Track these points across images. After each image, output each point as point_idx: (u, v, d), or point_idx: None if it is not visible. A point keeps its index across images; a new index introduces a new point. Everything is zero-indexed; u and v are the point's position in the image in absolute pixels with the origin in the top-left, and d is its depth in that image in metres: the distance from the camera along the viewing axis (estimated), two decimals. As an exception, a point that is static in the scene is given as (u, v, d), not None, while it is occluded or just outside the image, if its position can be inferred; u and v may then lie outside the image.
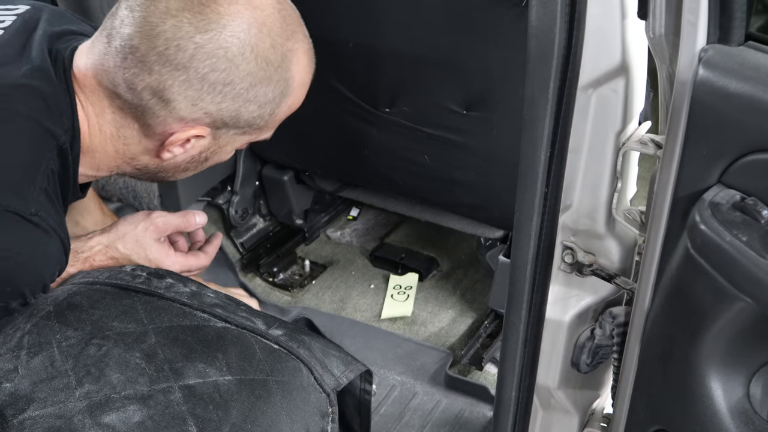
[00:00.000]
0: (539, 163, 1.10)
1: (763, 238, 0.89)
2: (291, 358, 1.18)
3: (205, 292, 1.27)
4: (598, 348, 1.29)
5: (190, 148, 1.21)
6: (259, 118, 1.19)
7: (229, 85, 1.13)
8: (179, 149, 1.20)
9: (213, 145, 1.22)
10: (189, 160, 1.24)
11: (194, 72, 1.11)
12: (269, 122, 1.22)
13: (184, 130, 1.16)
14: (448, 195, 1.95)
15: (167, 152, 1.20)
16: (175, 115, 1.15)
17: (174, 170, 1.27)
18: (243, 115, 1.17)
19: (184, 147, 1.20)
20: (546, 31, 1.01)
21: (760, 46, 0.93)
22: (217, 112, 1.15)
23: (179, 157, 1.22)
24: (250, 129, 1.21)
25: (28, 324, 1.16)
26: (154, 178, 1.30)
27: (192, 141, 1.19)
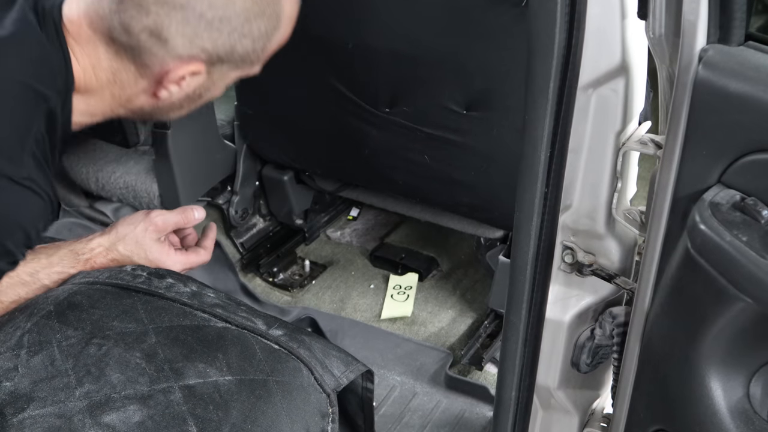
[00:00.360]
0: (539, 163, 1.10)
1: (763, 238, 0.89)
2: (291, 358, 1.18)
3: (206, 292, 1.27)
4: (598, 348, 1.29)
5: (185, 86, 1.22)
6: (253, 53, 1.22)
7: (226, 21, 1.15)
8: (175, 87, 1.21)
9: (207, 81, 1.24)
10: (184, 98, 1.26)
11: (191, 10, 1.13)
12: (261, 56, 1.25)
13: (181, 67, 1.18)
14: (448, 195, 1.95)
15: (164, 90, 1.21)
16: (173, 54, 1.16)
17: (170, 109, 1.28)
18: (238, 50, 1.19)
19: (180, 84, 1.21)
20: (546, 31, 1.01)
21: (760, 46, 0.93)
22: (213, 48, 1.17)
23: (175, 96, 1.24)
24: (243, 64, 1.23)
25: (29, 323, 1.16)
26: (149, 117, 1.31)
27: (188, 78, 1.20)
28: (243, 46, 1.19)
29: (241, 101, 2.12)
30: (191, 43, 1.16)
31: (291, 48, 1.99)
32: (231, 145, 2.21)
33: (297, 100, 2.01)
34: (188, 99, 1.27)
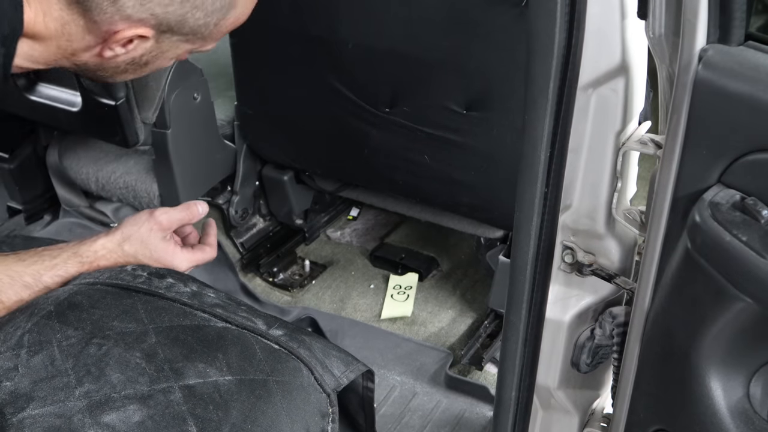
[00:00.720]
0: (539, 163, 1.10)
1: (763, 238, 0.89)
2: (291, 358, 1.18)
3: (206, 292, 1.27)
4: (598, 348, 1.29)
5: (132, 49, 1.20)
6: (204, 27, 1.19)
7: None
8: (121, 49, 1.19)
9: (155, 49, 1.22)
10: (129, 62, 1.24)
11: None
12: (213, 32, 1.22)
13: (128, 29, 1.16)
14: (448, 195, 1.95)
15: (109, 50, 1.19)
16: (122, 13, 1.14)
17: (113, 71, 1.26)
18: (189, 22, 1.17)
19: (126, 47, 1.19)
20: (546, 31, 1.01)
21: (760, 46, 0.93)
22: (164, 14, 1.15)
23: (120, 57, 1.22)
24: (193, 37, 1.21)
25: (29, 323, 1.16)
26: (93, 76, 1.29)
27: (135, 42, 1.19)
28: (195, 18, 1.17)
29: (241, 101, 2.12)
30: (141, 5, 1.13)
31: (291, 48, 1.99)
32: (231, 145, 2.21)
33: (297, 100, 2.01)
34: (133, 64, 1.24)
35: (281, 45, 1.94)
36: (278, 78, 2.01)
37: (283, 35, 1.93)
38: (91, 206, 2.40)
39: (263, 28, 1.94)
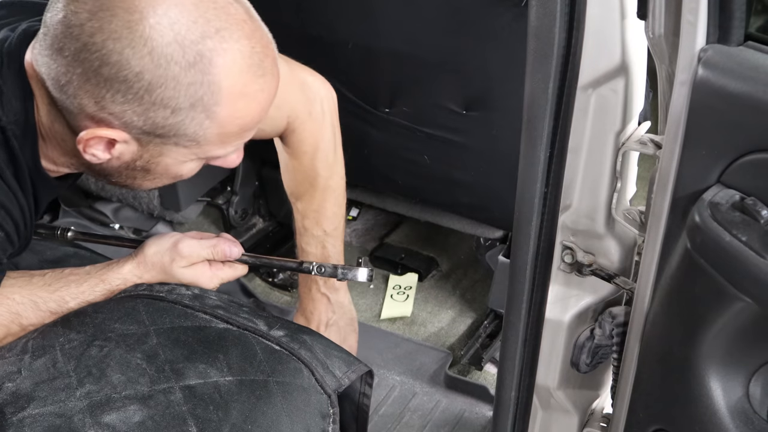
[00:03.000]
0: (539, 162, 1.10)
1: (762, 238, 0.89)
2: (292, 359, 1.18)
3: (207, 294, 1.27)
4: (598, 348, 1.29)
5: (118, 154, 1.12)
6: (181, 126, 1.08)
7: (125, 83, 1.03)
8: (102, 153, 1.12)
9: (144, 153, 1.13)
10: (125, 167, 1.16)
11: (88, 64, 1.02)
12: (202, 135, 1.10)
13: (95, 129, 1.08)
14: (448, 195, 1.95)
15: (87, 154, 1.12)
16: (84, 112, 1.07)
17: (118, 176, 1.19)
18: (157, 121, 1.06)
19: (110, 151, 1.12)
20: (546, 31, 1.01)
21: (759, 46, 0.93)
22: (123, 113, 1.06)
23: (113, 162, 1.14)
24: (179, 140, 1.10)
25: (36, 332, 1.17)
26: (109, 181, 1.22)
27: (118, 146, 1.11)
28: (162, 117, 1.06)
29: (241, 101, 2.12)
30: (98, 103, 1.05)
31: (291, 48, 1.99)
32: (231, 145, 2.20)
33: (297, 100, 2.01)
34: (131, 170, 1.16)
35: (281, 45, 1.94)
36: (278, 78, 2.01)
37: (283, 35, 1.93)
38: (91, 206, 2.40)
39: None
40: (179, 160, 1.15)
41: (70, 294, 1.23)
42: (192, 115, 1.07)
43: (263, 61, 1.10)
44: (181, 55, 1.03)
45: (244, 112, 1.11)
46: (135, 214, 2.36)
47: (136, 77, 1.03)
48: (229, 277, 1.34)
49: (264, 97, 1.12)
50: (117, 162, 1.14)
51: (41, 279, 1.23)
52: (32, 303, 1.20)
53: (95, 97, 1.05)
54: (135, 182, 1.21)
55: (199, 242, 1.29)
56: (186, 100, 1.05)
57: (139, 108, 1.05)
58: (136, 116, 1.06)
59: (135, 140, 1.10)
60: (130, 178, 1.19)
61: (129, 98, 1.04)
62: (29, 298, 1.20)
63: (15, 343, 1.16)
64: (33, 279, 1.22)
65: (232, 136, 1.13)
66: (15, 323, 1.18)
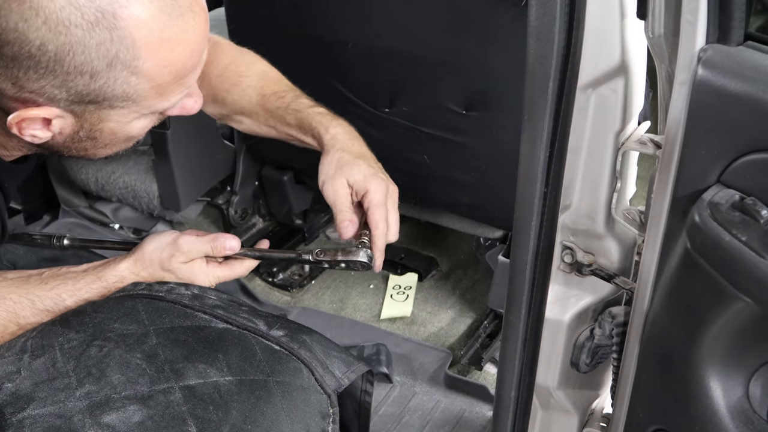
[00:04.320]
0: (539, 162, 1.10)
1: (762, 238, 0.89)
2: (292, 359, 1.18)
3: (207, 294, 1.27)
4: (598, 348, 1.29)
5: (58, 130, 1.08)
6: (106, 89, 1.03)
7: (31, 58, 0.98)
8: (41, 131, 1.08)
9: (84, 123, 1.08)
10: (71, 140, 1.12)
11: None
12: (134, 92, 1.05)
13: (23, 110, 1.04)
14: (448, 195, 1.95)
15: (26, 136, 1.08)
16: (7, 96, 1.03)
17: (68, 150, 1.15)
18: (79, 89, 1.02)
19: (49, 128, 1.08)
20: (546, 31, 1.01)
21: (759, 46, 0.93)
22: (41, 89, 1.01)
23: (57, 138, 1.11)
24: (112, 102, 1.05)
25: (34, 331, 1.17)
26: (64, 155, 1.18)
27: (54, 122, 1.07)
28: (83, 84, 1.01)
29: (241, 101, 2.12)
30: (14, 84, 1.01)
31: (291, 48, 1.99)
32: (231, 145, 2.21)
33: (296, 100, 2.01)
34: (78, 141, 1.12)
35: (281, 45, 1.94)
36: (278, 78, 2.01)
37: (283, 35, 1.93)
38: (90, 206, 2.40)
39: (263, 28, 1.94)
40: (122, 122, 1.10)
41: (67, 291, 1.22)
42: (114, 76, 1.02)
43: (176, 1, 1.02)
44: (80, 16, 0.97)
45: (171, 59, 1.04)
46: (135, 214, 2.36)
47: (39, 50, 0.98)
48: (226, 276, 1.34)
49: (190, 38, 1.05)
50: (61, 137, 1.11)
51: (38, 278, 1.23)
52: (29, 301, 1.20)
53: (11, 79, 1.01)
54: (89, 152, 1.16)
55: (198, 238, 1.29)
56: (101, 62, 1.00)
57: (55, 81, 1.01)
58: (56, 89, 1.02)
59: (68, 112, 1.06)
60: (82, 150, 1.15)
61: (41, 73, 0.99)
62: (26, 297, 1.20)
63: (14, 342, 1.16)
64: (30, 278, 1.22)
65: (169, 84, 1.07)
66: (13, 322, 1.19)
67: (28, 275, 1.23)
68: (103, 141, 1.13)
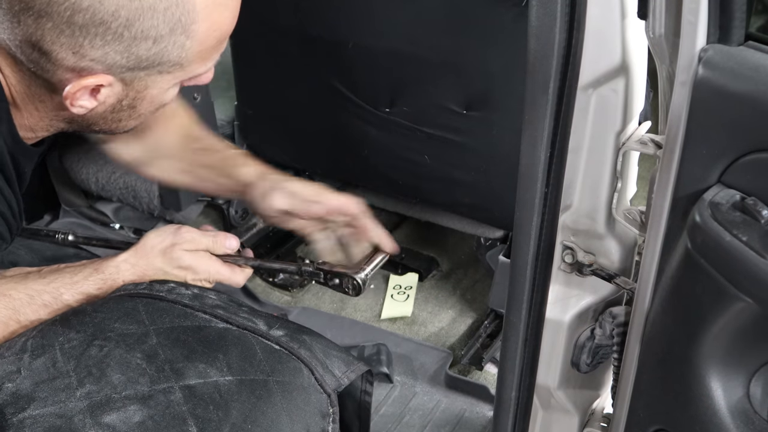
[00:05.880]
0: (539, 163, 1.10)
1: (763, 238, 0.89)
2: (292, 358, 1.18)
3: (207, 294, 1.27)
4: (598, 348, 1.29)
5: (103, 99, 1.12)
6: (165, 53, 1.08)
7: (102, 25, 1.02)
8: (88, 101, 1.11)
9: (130, 91, 1.13)
10: (111, 110, 1.15)
11: (58, 17, 1.01)
12: (185, 56, 1.10)
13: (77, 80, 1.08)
14: (448, 195, 1.95)
15: (74, 107, 1.12)
16: (63, 67, 1.06)
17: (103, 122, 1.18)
18: (140, 54, 1.06)
19: (96, 98, 1.11)
20: (546, 31, 1.01)
21: (760, 46, 0.93)
22: (105, 56, 1.05)
23: (99, 108, 1.14)
24: (163, 67, 1.10)
25: (34, 330, 1.17)
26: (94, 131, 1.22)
27: (102, 92, 1.11)
28: (145, 49, 1.06)
29: (241, 101, 2.12)
30: (76, 53, 1.04)
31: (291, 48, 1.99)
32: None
33: (297, 100, 2.01)
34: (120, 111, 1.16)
35: (281, 45, 1.94)
36: (278, 78, 2.01)
37: (283, 35, 1.93)
38: (91, 206, 2.40)
39: (263, 28, 1.94)
40: (163, 89, 1.15)
41: (65, 285, 1.22)
42: (173, 40, 1.07)
43: None
44: None
45: (219, 22, 1.11)
46: (135, 214, 2.36)
47: (112, 16, 1.02)
48: (225, 276, 1.35)
49: (235, 3, 1.13)
50: (102, 107, 1.14)
51: (37, 274, 1.23)
52: (28, 297, 1.20)
53: (72, 48, 1.04)
54: (119, 124, 1.20)
55: (199, 231, 1.31)
56: (165, 26, 1.05)
57: (120, 46, 1.04)
58: (118, 55, 1.05)
59: (120, 81, 1.10)
60: (114, 122, 1.19)
61: (108, 39, 1.03)
62: (25, 293, 1.20)
63: (14, 342, 1.16)
64: (29, 275, 1.23)
65: (212, 49, 1.14)
66: (13, 320, 1.19)
67: (27, 272, 1.23)
68: (139, 110, 1.17)
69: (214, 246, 1.31)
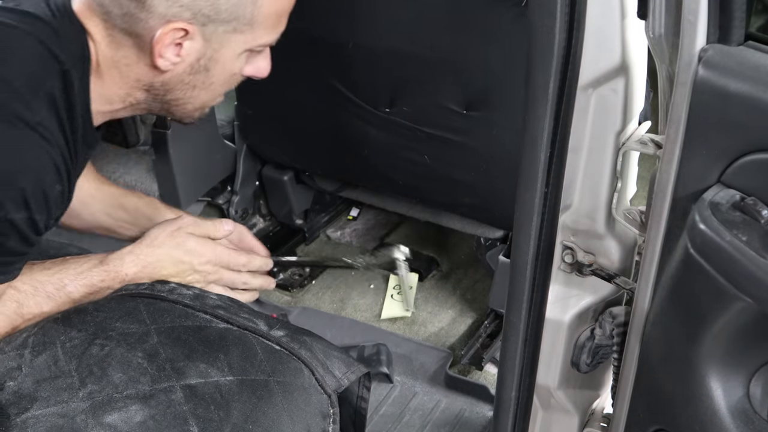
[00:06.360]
0: (539, 163, 1.10)
1: (763, 238, 0.89)
2: (292, 359, 1.18)
3: (208, 295, 1.27)
4: (598, 348, 1.29)
5: (185, 54, 1.22)
6: (240, 7, 1.20)
7: None
8: (173, 56, 1.21)
9: (207, 48, 1.22)
10: (189, 71, 1.25)
11: None
12: (256, 15, 1.22)
13: (167, 26, 1.18)
14: (448, 195, 1.95)
15: (161, 59, 1.21)
16: (155, 13, 1.17)
17: (180, 86, 1.27)
18: (221, 3, 1.18)
19: (178, 53, 1.21)
20: (546, 31, 1.01)
21: (759, 46, 0.93)
22: (192, 2, 1.17)
23: (179, 66, 1.23)
24: (238, 24, 1.22)
25: (35, 327, 1.17)
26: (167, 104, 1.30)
27: (185, 45, 1.20)
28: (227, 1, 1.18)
29: (241, 101, 2.12)
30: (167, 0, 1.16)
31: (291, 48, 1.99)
32: (231, 145, 2.21)
33: (297, 100, 2.01)
34: (195, 73, 1.25)
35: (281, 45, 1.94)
36: (278, 78, 2.00)
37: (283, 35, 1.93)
38: (91, 206, 2.39)
39: (263, 28, 1.94)
40: (236, 52, 1.25)
41: (69, 276, 1.25)
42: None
43: None
44: None
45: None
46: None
47: None
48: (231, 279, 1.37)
49: None
50: (182, 65, 1.23)
51: (41, 265, 1.25)
52: (32, 288, 1.22)
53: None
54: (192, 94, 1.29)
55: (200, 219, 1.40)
56: None
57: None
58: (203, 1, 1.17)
59: (200, 35, 1.20)
60: (188, 88, 1.27)
61: None
62: (29, 284, 1.22)
63: (14, 338, 1.16)
64: (33, 266, 1.24)
65: (276, 19, 1.26)
66: (17, 314, 1.20)
67: (32, 264, 1.24)
68: (212, 76, 1.27)
69: (215, 230, 1.39)
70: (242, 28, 1.22)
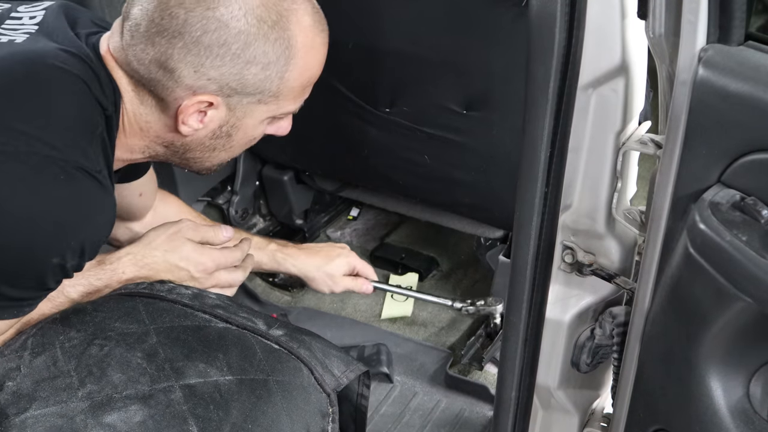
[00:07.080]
0: (539, 162, 1.10)
1: (762, 238, 0.89)
2: (291, 358, 1.18)
3: (207, 294, 1.27)
4: (598, 348, 1.29)
5: (208, 122, 1.22)
6: (267, 81, 1.20)
7: (224, 46, 1.15)
8: (196, 122, 1.22)
9: (231, 117, 1.23)
10: (211, 136, 1.25)
11: (189, 37, 1.14)
12: (282, 88, 1.23)
13: (193, 97, 1.19)
14: (448, 195, 1.95)
15: (184, 125, 1.22)
16: (182, 84, 1.17)
17: (200, 148, 1.28)
18: (248, 78, 1.19)
19: (203, 120, 1.22)
20: (546, 31, 1.01)
21: (759, 45, 0.93)
22: (220, 76, 1.17)
23: (201, 132, 1.24)
24: (263, 96, 1.22)
25: (34, 328, 1.17)
26: (186, 160, 1.31)
27: (209, 114, 1.21)
28: (252, 74, 1.18)
29: (241, 101, 2.12)
30: (197, 72, 1.16)
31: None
32: (231, 145, 2.20)
33: (297, 100, 2.01)
34: (215, 138, 1.26)
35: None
36: (278, 78, 2.01)
37: (283, 35, 1.93)
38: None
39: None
40: (258, 120, 1.26)
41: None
42: (276, 69, 1.20)
43: (323, 18, 1.26)
44: (267, 15, 1.17)
45: (312, 63, 1.25)
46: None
47: (234, 38, 1.15)
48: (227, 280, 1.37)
49: (324, 51, 1.27)
50: (204, 132, 1.24)
51: None
52: None
53: (195, 66, 1.16)
54: (211, 155, 1.30)
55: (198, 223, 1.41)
56: (273, 54, 1.18)
57: (234, 68, 1.17)
58: (231, 77, 1.18)
59: (225, 105, 1.22)
60: (208, 150, 1.29)
61: (227, 60, 1.16)
62: None
63: (13, 340, 1.16)
64: None
65: (301, 89, 1.27)
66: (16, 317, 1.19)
67: None
68: (233, 141, 1.28)
69: (214, 236, 1.40)
70: (267, 100, 1.23)
